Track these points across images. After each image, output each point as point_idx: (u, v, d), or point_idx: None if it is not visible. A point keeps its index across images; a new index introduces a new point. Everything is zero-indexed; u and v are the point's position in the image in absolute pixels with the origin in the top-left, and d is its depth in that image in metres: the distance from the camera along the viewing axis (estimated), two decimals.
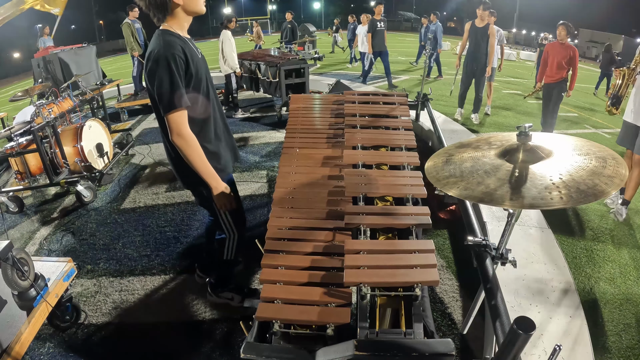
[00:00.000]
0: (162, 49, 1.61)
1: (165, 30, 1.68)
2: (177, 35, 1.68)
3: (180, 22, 1.70)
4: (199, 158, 1.74)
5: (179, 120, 1.65)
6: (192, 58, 1.69)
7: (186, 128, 1.68)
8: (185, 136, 1.68)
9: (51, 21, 8.60)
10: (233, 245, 2.16)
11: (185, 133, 1.68)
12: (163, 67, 1.60)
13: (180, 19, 1.70)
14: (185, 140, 1.68)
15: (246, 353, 1.29)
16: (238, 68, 6.25)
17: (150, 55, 1.64)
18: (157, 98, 1.64)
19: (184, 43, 1.68)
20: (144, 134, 5.96)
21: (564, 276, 2.33)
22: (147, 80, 1.68)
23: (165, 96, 1.61)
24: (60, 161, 3.91)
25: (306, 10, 40.87)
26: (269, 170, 4.35)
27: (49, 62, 7.20)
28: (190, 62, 1.68)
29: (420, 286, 1.40)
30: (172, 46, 1.62)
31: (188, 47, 1.69)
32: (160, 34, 1.67)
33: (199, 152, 1.73)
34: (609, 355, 2.05)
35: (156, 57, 1.61)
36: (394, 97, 2.97)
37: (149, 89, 1.71)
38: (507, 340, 0.89)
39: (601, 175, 1.02)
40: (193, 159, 1.72)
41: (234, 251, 2.18)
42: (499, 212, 2.94)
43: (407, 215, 1.77)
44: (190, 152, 1.70)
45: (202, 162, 1.75)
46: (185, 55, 1.65)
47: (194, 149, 1.71)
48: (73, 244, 3.19)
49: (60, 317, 2.22)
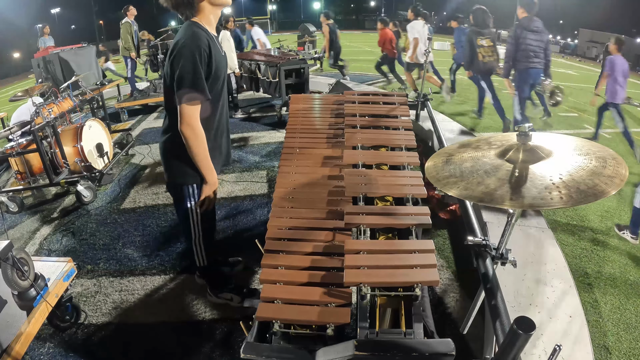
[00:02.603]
0: (189, 39, 1.64)
1: (194, 22, 1.72)
2: (205, 30, 1.72)
3: (207, 16, 1.74)
4: (203, 151, 1.79)
5: (192, 112, 1.69)
6: (215, 55, 1.73)
7: (197, 120, 1.72)
8: (195, 128, 1.72)
9: (50, 21, 8.61)
10: (201, 249, 2.14)
11: (196, 125, 1.72)
12: (188, 57, 1.63)
13: (207, 12, 1.73)
14: (194, 132, 1.72)
15: (246, 353, 1.29)
16: (237, 69, 6.24)
17: (176, 45, 1.66)
18: (176, 86, 1.66)
19: (211, 39, 1.72)
20: (144, 134, 5.96)
21: (564, 276, 2.33)
22: (168, 67, 1.70)
23: (184, 86, 1.64)
24: (60, 161, 3.91)
25: (306, 10, 40.87)
26: (269, 170, 4.35)
27: (49, 62, 7.20)
28: (213, 59, 1.71)
29: (420, 286, 1.40)
30: (199, 38, 1.66)
31: (213, 44, 1.73)
32: (189, 25, 1.70)
33: (203, 145, 1.78)
34: (609, 355, 2.05)
35: (182, 46, 1.63)
36: (394, 97, 2.97)
37: (166, 77, 1.74)
38: (507, 340, 0.89)
39: (601, 175, 1.02)
40: (197, 150, 1.77)
41: (204, 255, 2.16)
42: (499, 212, 2.94)
43: (407, 215, 1.77)
44: (196, 143, 1.75)
45: (205, 156, 1.81)
46: (210, 50, 1.69)
47: (200, 141, 1.76)
48: (73, 244, 3.19)
49: (60, 317, 2.22)
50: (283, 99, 6.06)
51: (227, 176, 4.24)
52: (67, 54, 7.48)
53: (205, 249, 2.15)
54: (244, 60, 6.83)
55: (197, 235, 2.09)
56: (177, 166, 1.89)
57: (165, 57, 1.89)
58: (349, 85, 6.29)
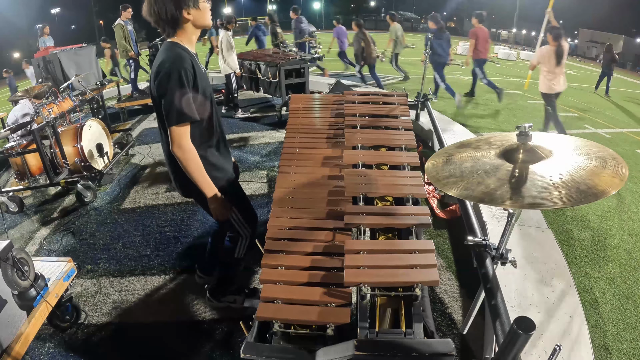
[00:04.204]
0: (174, 62, 1.64)
1: (175, 43, 1.72)
2: (187, 50, 1.72)
3: (189, 36, 1.75)
4: (198, 170, 1.77)
5: (181, 133, 1.69)
6: (199, 74, 1.74)
7: (187, 141, 1.72)
8: (185, 148, 1.71)
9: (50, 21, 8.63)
10: (245, 244, 2.17)
11: (186, 145, 1.71)
12: (174, 80, 1.63)
13: (189, 33, 1.74)
14: (185, 152, 1.71)
15: (246, 353, 1.29)
16: (238, 68, 6.25)
17: (161, 67, 1.66)
18: (165, 110, 1.66)
19: (193, 58, 1.73)
20: (144, 134, 5.96)
21: (564, 276, 2.33)
22: (154, 90, 1.70)
23: (173, 109, 1.64)
24: (60, 161, 3.91)
25: (306, 10, 40.88)
26: (269, 170, 4.35)
27: (49, 62, 7.19)
28: (198, 78, 1.72)
29: (420, 286, 1.40)
30: (183, 59, 1.66)
31: (196, 63, 1.74)
32: (170, 47, 1.70)
33: (197, 164, 1.76)
34: (609, 355, 2.05)
35: (168, 69, 1.63)
36: (394, 97, 2.97)
37: (154, 98, 1.73)
38: (507, 340, 0.89)
39: (601, 175, 1.02)
40: (191, 170, 1.75)
41: (245, 250, 2.19)
42: (499, 212, 2.94)
43: (407, 215, 1.77)
44: (189, 164, 1.74)
45: (200, 174, 1.78)
46: (194, 70, 1.70)
47: (193, 160, 1.74)
48: (73, 244, 3.19)
49: (60, 317, 2.22)
50: (283, 99, 6.07)
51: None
52: (67, 54, 7.48)
53: (249, 242, 2.17)
54: (244, 60, 6.83)
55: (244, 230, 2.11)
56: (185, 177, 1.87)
57: None
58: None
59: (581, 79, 12.81)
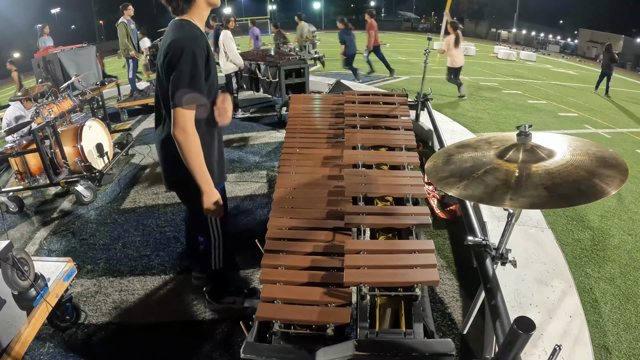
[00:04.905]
0: (188, 40, 1.55)
1: (187, 20, 1.62)
2: (199, 29, 1.64)
3: (201, 12, 1.66)
4: (198, 158, 1.65)
5: (187, 116, 1.58)
6: (211, 57, 1.65)
7: (192, 125, 1.61)
8: (189, 132, 1.60)
9: (50, 21, 8.60)
10: (219, 252, 2.06)
11: (190, 130, 1.60)
12: (187, 59, 1.53)
13: (201, 9, 1.65)
14: (188, 137, 1.60)
15: (246, 353, 1.29)
16: (243, 65, 6.26)
17: (172, 44, 1.55)
18: (172, 89, 1.55)
19: (206, 38, 1.65)
20: (144, 134, 5.96)
21: (564, 276, 2.33)
22: (163, 68, 1.59)
23: (181, 90, 1.53)
24: (60, 161, 3.91)
25: (306, 10, 40.88)
26: (269, 170, 4.35)
27: (49, 62, 7.20)
28: (211, 61, 1.64)
29: (420, 286, 1.40)
30: (198, 38, 1.57)
31: (207, 44, 1.65)
32: (183, 24, 1.60)
33: (198, 151, 1.65)
34: (609, 355, 2.05)
35: (181, 47, 1.53)
36: (394, 97, 2.97)
37: (160, 76, 1.63)
38: (507, 340, 0.89)
39: (601, 175, 1.02)
40: (191, 158, 1.63)
41: (222, 258, 2.09)
42: (499, 212, 2.94)
43: (407, 215, 1.77)
44: (190, 149, 1.62)
45: (200, 164, 1.66)
46: (208, 52, 1.61)
47: (195, 147, 1.63)
48: (73, 244, 3.19)
49: (60, 317, 2.22)
50: (283, 98, 6.07)
51: (227, 176, 4.23)
52: (67, 54, 7.48)
53: (224, 253, 2.07)
54: (244, 60, 6.83)
55: (216, 238, 2.00)
56: (174, 165, 1.73)
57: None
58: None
59: (581, 79, 12.81)
